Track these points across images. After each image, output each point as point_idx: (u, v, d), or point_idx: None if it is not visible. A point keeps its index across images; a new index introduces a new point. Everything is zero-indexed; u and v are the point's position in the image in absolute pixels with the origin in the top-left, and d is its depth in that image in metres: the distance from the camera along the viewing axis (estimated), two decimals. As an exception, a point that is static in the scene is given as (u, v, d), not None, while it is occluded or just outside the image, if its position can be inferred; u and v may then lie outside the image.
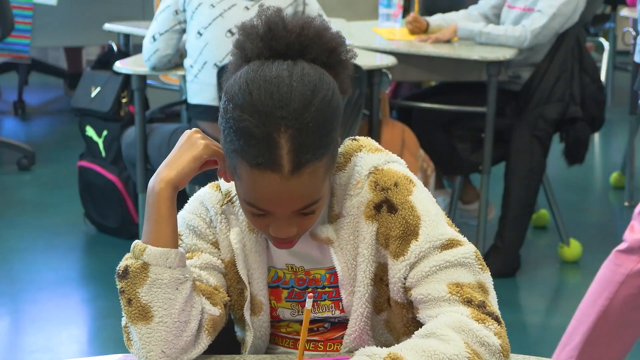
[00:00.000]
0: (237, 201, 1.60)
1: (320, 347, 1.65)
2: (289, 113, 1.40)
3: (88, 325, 3.80)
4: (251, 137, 1.41)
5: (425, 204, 1.54)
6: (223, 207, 1.62)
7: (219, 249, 1.62)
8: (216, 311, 1.55)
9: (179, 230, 1.55)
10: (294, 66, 1.45)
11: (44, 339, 3.56)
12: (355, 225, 1.56)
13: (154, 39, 3.55)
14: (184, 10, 3.47)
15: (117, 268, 1.50)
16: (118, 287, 1.50)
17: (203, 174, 1.63)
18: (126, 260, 1.50)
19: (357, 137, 1.62)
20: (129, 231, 4.42)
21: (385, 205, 1.54)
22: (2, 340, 3.62)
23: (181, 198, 4.08)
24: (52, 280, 4.09)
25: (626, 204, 5.07)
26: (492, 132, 3.99)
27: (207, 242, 1.61)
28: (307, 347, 1.64)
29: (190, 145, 1.53)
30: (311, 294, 1.44)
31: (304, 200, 1.46)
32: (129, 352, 1.53)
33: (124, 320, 1.52)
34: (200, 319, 1.52)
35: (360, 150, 1.59)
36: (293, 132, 1.40)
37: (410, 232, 1.52)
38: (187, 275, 1.51)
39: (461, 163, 4.21)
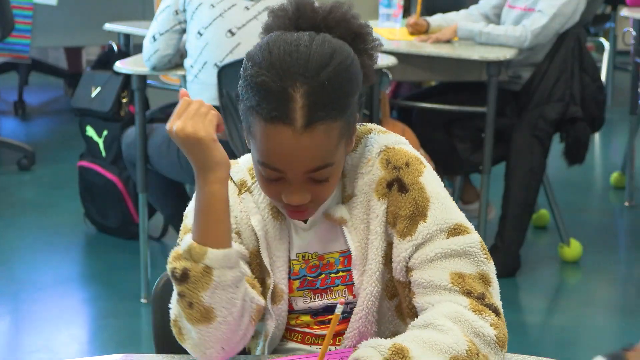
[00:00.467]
0: (255, 189, 1.61)
1: (330, 340, 1.65)
2: (306, 70, 1.44)
3: (88, 325, 3.80)
4: (267, 91, 1.44)
5: (435, 186, 1.56)
6: (241, 196, 1.62)
7: (241, 238, 1.61)
8: (261, 300, 1.57)
9: None
10: (317, 35, 1.50)
11: (44, 339, 3.56)
12: (367, 203, 1.57)
13: (154, 39, 3.54)
14: (184, 11, 3.47)
15: (172, 270, 1.48)
16: (177, 290, 1.49)
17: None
18: (180, 262, 1.48)
19: (365, 123, 1.65)
20: (129, 231, 4.42)
21: (397, 184, 1.55)
22: (2, 340, 3.62)
23: (183, 196, 4.04)
24: (52, 280, 4.09)
25: (626, 204, 5.06)
26: (492, 132, 3.98)
27: (232, 232, 1.60)
28: (318, 341, 1.64)
29: (198, 142, 1.47)
30: (342, 300, 1.43)
31: (316, 160, 1.47)
32: (130, 352, 1.53)
33: (173, 314, 1.52)
34: (249, 309, 1.53)
35: (371, 132, 1.62)
36: (308, 89, 1.44)
37: (418, 213, 1.54)
38: (243, 271, 1.52)
39: (461, 163, 4.21)
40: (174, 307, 1.52)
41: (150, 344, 1.85)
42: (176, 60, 3.64)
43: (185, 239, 1.50)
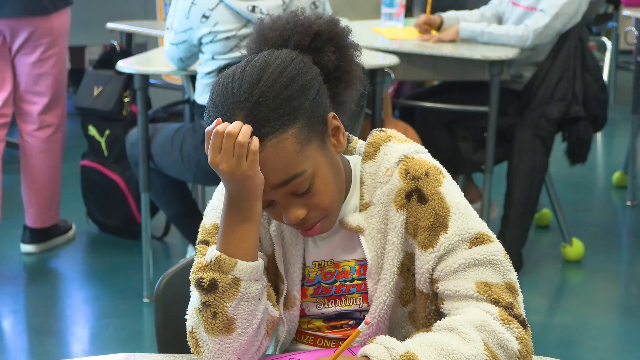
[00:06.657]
0: None
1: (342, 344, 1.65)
2: (240, 96, 1.45)
3: (90, 324, 3.80)
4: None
5: (455, 196, 1.55)
6: None
7: (261, 242, 1.60)
8: (275, 312, 1.57)
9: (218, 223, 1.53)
10: (261, 54, 1.50)
11: (46, 338, 3.56)
12: (386, 213, 1.56)
13: (182, 61, 3.55)
14: (200, 44, 3.47)
15: (200, 280, 1.49)
16: (202, 299, 1.49)
17: (206, 173, 1.62)
18: (207, 272, 1.49)
19: (384, 129, 1.63)
20: (131, 230, 4.42)
21: (416, 194, 1.54)
22: (4, 340, 3.62)
23: (185, 195, 4.02)
24: (55, 279, 4.09)
25: (629, 203, 5.06)
26: (495, 131, 3.98)
27: None
28: (329, 345, 1.64)
29: (238, 178, 1.45)
30: (368, 320, 1.43)
31: (279, 175, 1.46)
32: (132, 352, 1.53)
33: (190, 326, 1.53)
34: (265, 321, 1.54)
35: (390, 140, 1.60)
36: (246, 111, 1.44)
37: (439, 224, 1.52)
38: (264, 284, 1.52)
39: (463, 162, 4.21)
40: (192, 318, 1.53)
41: (153, 343, 1.85)
42: None
43: (211, 251, 1.50)
